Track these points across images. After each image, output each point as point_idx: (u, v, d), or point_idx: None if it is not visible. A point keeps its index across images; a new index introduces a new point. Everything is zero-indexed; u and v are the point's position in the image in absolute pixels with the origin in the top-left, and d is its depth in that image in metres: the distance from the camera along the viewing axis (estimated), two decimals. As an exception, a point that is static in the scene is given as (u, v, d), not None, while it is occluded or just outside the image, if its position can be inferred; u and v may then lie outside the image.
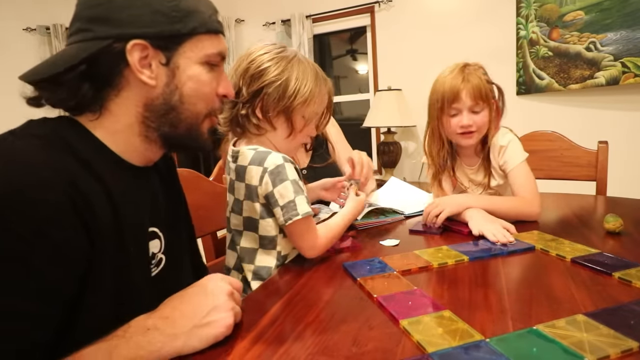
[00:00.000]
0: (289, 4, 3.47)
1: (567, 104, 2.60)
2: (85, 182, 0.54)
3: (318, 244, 0.86)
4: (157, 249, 0.69)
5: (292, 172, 0.83)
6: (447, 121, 1.15)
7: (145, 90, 0.62)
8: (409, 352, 0.53)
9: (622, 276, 0.70)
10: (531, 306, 0.63)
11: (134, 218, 0.62)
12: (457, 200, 1.07)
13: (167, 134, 0.65)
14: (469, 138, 1.14)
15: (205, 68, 0.65)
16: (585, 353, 0.49)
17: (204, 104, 0.67)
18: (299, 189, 0.83)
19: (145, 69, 0.61)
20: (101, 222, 0.55)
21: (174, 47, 0.62)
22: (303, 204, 0.82)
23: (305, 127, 0.89)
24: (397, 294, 0.68)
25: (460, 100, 1.10)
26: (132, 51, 0.59)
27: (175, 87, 0.63)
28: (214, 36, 0.66)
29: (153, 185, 0.72)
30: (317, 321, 0.62)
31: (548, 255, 0.84)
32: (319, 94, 0.87)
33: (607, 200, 1.34)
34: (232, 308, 0.59)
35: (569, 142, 1.59)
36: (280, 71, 0.84)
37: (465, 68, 1.12)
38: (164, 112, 0.64)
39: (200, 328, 0.56)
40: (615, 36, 2.32)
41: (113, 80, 0.61)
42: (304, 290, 0.74)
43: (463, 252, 0.86)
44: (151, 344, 0.53)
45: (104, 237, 0.55)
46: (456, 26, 2.90)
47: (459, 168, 1.24)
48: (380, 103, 2.96)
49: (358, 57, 3.72)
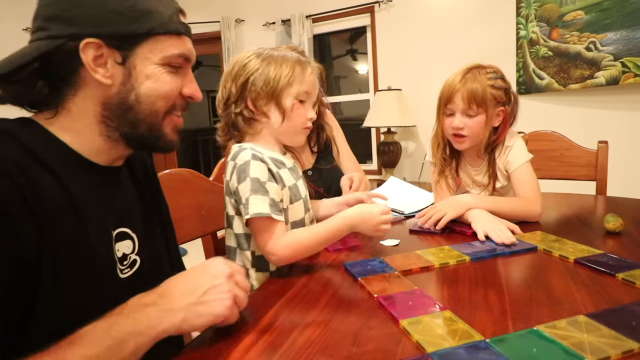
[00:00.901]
0: (289, 4, 3.47)
1: (567, 104, 2.60)
2: (35, 174, 0.54)
3: (278, 252, 0.80)
4: (128, 250, 0.68)
5: (256, 169, 0.82)
6: (443, 120, 1.15)
7: (102, 90, 0.62)
8: (408, 352, 0.52)
9: (626, 277, 0.70)
10: (532, 307, 0.63)
11: (96, 217, 0.61)
12: (459, 201, 1.06)
13: (128, 133, 0.65)
14: (460, 142, 1.13)
15: (166, 69, 0.64)
16: (585, 354, 0.49)
17: (163, 102, 0.66)
18: (259, 188, 0.81)
19: (100, 67, 0.60)
20: (55, 215, 0.54)
21: (130, 47, 0.61)
22: (256, 204, 0.79)
23: (296, 107, 0.88)
24: (398, 294, 0.68)
25: (453, 102, 1.10)
26: (86, 49, 0.58)
27: (132, 87, 0.63)
28: (175, 37, 0.64)
29: (123, 185, 0.71)
30: (317, 321, 0.62)
31: (550, 256, 0.84)
32: (301, 72, 0.88)
33: (607, 200, 1.34)
34: (229, 290, 0.58)
35: (569, 142, 1.59)
36: (261, 61, 0.87)
37: (470, 71, 1.10)
38: (122, 111, 0.63)
39: (198, 305, 0.56)
40: (615, 36, 2.32)
41: (69, 78, 0.61)
42: (304, 290, 0.74)
43: (465, 253, 0.86)
44: (150, 320, 0.53)
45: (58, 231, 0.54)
46: (456, 26, 2.90)
47: (463, 168, 1.23)
48: (380, 103, 2.96)
49: (358, 57, 3.72)
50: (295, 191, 0.90)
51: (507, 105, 1.13)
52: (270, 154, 0.88)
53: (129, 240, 0.68)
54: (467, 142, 1.13)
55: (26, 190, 0.51)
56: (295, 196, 0.90)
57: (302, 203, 0.91)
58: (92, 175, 0.64)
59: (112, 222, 0.65)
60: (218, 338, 0.59)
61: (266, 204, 0.80)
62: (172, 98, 0.67)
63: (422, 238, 1.02)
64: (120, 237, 0.66)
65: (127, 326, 0.52)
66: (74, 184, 0.58)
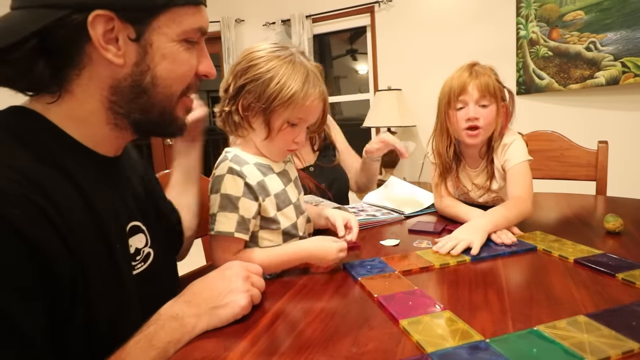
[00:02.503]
0: (289, 4, 3.47)
1: (567, 104, 2.60)
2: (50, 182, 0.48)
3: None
4: (142, 244, 0.64)
5: (230, 185, 0.78)
6: (453, 115, 1.13)
7: (111, 70, 0.54)
8: (408, 352, 0.52)
9: (625, 277, 0.70)
10: (532, 307, 0.63)
11: (111, 215, 0.57)
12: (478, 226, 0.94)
13: (139, 120, 0.58)
14: (475, 136, 1.11)
15: (183, 45, 0.57)
16: (585, 354, 0.49)
17: (180, 84, 0.59)
18: (227, 205, 0.77)
19: (110, 44, 0.52)
20: (78, 228, 0.49)
21: (146, 21, 0.53)
22: (222, 222, 0.77)
23: (284, 131, 0.81)
24: (398, 294, 0.68)
25: (467, 93, 1.09)
26: (95, 24, 0.50)
27: (147, 68, 0.55)
28: (194, 8, 0.57)
29: (123, 176, 0.66)
30: (317, 321, 0.62)
31: (550, 256, 0.84)
32: (303, 98, 0.78)
33: (607, 200, 1.34)
34: (247, 290, 0.64)
35: (569, 142, 1.59)
36: (266, 70, 0.78)
37: (475, 66, 1.12)
38: (134, 95, 0.56)
39: (219, 309, 0.61)
40: (615, 36, 2.32)
41: (73, 57, 0.52)
42: (304, 290, 0.74)
43: (465, 253, 0.86)
44: (184, 326, 0.58)
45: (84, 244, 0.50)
46: (456, 26, 2.90)
47: (462, 171, 1.23)
48: (380, 103, 2.96)
49: (358, 57, 3.72)
50: (284, 197, 0.85)
51: (505, 101, 1.14)
52: (257, 159, 0.84)
53: (142, 234, 0.66)
54: (481, 135, 1.11)
55: (49, 211, 0.46)
56: (284, 202, 0.85)
57: (292, 208, 0.87)
58: (99, 168, 0.58)
59: (125, 217, 0.62)
60: (218, 337, 0.59)
61: (233, 221, 0.77)
62: (189, 79, 0.60)
63: (422, 238, 1.02)
64: (133, 231, 0.64)
65: (165, 336, 0.56)
66: (87, 183, 0.54)
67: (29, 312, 0.44)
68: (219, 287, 0.63)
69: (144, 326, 0.56)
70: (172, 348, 0.56)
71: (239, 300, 0.62)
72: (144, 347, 0.53)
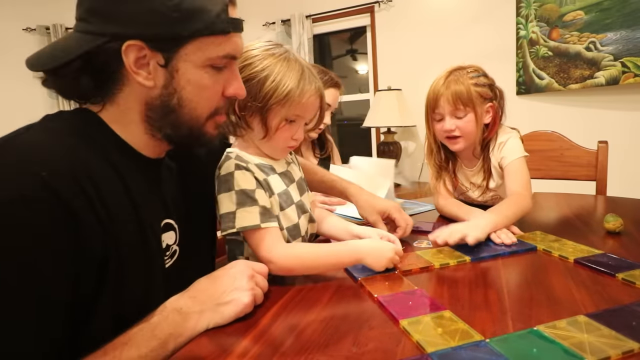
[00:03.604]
0: (289, 4, 3.47)
1: (567, 104, 2.60)
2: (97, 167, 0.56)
3: (274, 260, 0.75)
4: (172, 241, 0.69)
5: (242, 180, 0.78)
6: (433, 126, 1.16)
7: (145, 91, 0.61)
8: (408, 352, 0.52)
9: (626, 277, 0.70)
10: (532, 307, 0.63)
11: (149, 210, 0.63)
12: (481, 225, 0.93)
13: (170, 134, 0.65)
14: (455, 143, 1.13)
15: (209, 72, 0.63)
16: (585, 354, 0.49)
17: (206, 106, 0.65)
18: (247, 200, 0.77)
19: (142, 69, 0.59)
20: (117, 213, 0.56)
21: (173, 49, 0.59)
22: (243, 217, 0.76)
23: (282, 128, 0.81)
24: (398, 294, 0.68)
25: (439, 106, 1.11)
26: (128, 52, 0.57)
27: (174, 90, 0.61)
28: (221, 37, 0.61)
29: (167, 176, 0.72)
30: (317, 321, 0.62)
31: (550, 256, 0.84)
32: (299, 95, 0.78)
33: (607, 200, 1.34)
34: (251, 289, 0.65)
35: (569, 142, 1.59)
36: (261, 68, 0.78)
37: (452, 73, 1.10)
38: (164, 114, 0.63)
39: (222, 306, 0.62)
40: (615, 36, 2.32)
41: (114, 75, 0.60)
42: (304, 289, 0.74)
43: (465, 253, 0.86)
44: (186, 321, 0.59)
45: (121, 229, 0.56)
46: (456, 26, 2.90)
47: (459, 170, 1.24)
48: (380, 103, 2.96)
49: (358, 57, 3.72)
50: (286, 197, 0.85)
51: (495, 100, 1.13)
52: (258, 160, 0.84)
53: (172, 232, 0.69)
54: (462, 142, 1.13)
55: (90, 191, 0.53)
56: (287, 202, 0.85)
57: (294, 208, 0.87)
58: (142, 167, 0.65)
59: (160, 214, 0.67)
60: (218, 337, 0.59)
61: (255, 213, 0.77)
62: (215, 101, 0.66)
63: (422, 238, 1.02)
64: (166, 228, 0.68)
65: (168, 328, 0.57)
66: (130, 176, 0.60)
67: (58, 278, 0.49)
68: (223, 284, 0.65)
69: (148, 315, 0.59)
70: (173, 341, 0.57)
71: (242, 298, 0.63)
72: (146, 335, 0.55)
